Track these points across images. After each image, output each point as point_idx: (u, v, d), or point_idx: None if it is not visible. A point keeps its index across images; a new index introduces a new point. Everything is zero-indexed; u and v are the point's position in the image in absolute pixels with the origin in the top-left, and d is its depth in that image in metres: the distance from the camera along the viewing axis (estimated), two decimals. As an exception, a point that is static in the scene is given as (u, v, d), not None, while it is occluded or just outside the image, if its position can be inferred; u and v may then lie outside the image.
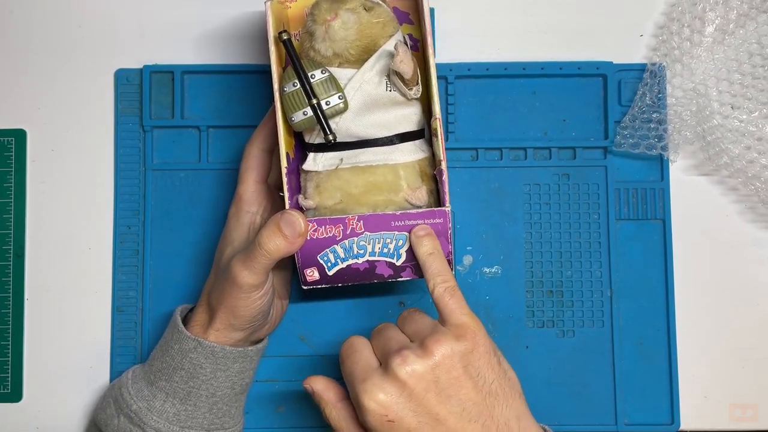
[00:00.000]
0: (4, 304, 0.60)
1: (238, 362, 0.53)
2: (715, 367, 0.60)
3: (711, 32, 0.59)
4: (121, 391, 0.53)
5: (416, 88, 0.49)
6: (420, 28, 0.53)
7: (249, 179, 0.54)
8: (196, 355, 0.51)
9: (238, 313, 0.50)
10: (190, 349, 0.51)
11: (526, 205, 0.60)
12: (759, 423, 0.59)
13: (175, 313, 0.54)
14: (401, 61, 0.47)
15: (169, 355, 0.52)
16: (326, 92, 0.48)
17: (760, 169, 0.58)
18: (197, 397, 0.52)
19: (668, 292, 0.59)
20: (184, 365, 0.51)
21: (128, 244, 0.60)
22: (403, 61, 0.47)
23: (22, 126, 0.61)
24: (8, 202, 0.60)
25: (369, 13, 0.48)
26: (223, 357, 0.52)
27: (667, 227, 0.60)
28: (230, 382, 0.53)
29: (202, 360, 0.51)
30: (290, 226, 0.48)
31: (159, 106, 0.61)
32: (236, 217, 0.54)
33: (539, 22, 0.62)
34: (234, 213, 0.55)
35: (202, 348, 0.51)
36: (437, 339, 0.45)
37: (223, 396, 0.53)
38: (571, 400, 0.58)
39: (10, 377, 0.59)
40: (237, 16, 0.62)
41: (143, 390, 0.52)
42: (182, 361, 0.51)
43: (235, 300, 0.50)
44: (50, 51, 0.62)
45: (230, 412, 0.54)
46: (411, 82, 0.48)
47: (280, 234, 0.48)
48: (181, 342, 0.52)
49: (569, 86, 0.61)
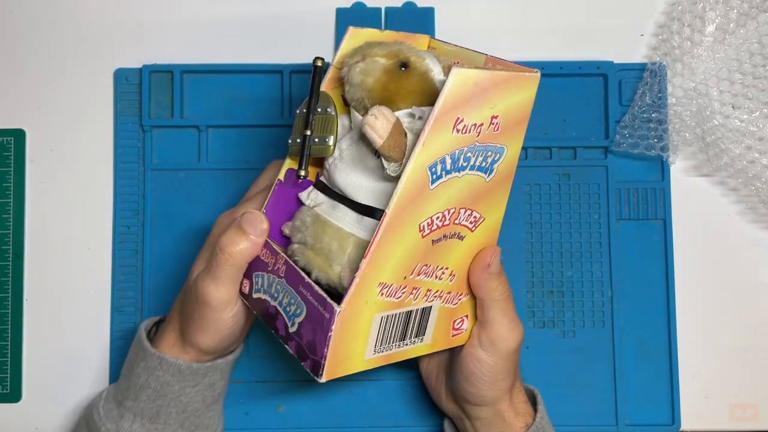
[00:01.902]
0: (3, 304, 0.60)
1: (208, 376, 0.50)
2: (715, 367, 0.60)
3: (711, 32, 0.59)
4: (92, 412, 0.50)
5: (394, 166, 0.42)
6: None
7: (254, 201, 0.50)
8: (162, 373, 0.48)
9: (209, 336, 0.47)
10: (155, 366, 0.49)
11: (526, 205, 0.60)
12: (759, 423, 0.59)
13: (140, 328, 0.51)
14: (368, 125, 0.41)
15: (134, 373, 0.49)
16: (321, 130, 0.46)
17: (760, 169, 0.58)
18: (167, 415, 0.49)
19: (668, 292, 0.59)
20: (151, 383, 0.49)
21: (128, 244, 0.60)
22: (371, 126, 0.41)
23: (22, 126, 0.61)
24: (7, 202, 0.60)
25: (401, 72, 0.44)
26: (191, 374, 0.49)
27: (668, 227, 0.60)
28: (201, 396, 0.50)
29: (169, 377, 0.48)
30: (251, 224, 0.45)
31: (158, 106, 0.60)
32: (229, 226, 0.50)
33: (539, 22, 0.62)
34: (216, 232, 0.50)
35: (167, 365, 0.48)
36: None
37: (195, 410, 0.50)
38: (571, 400, 0.58)
39: (9, 377, 0.59)
40: (237, 16, 0.62)
41: (113, 411, 0.50)
42: (148, 379, 0.49)
43: (205, 321, 0.47)
44: (50, 51, 0.62)
45: (204, 422, 0.51)
46: (387, 155, 0.42)
47: (242, 234, 0.45)
48: (146, 359, 0.49)
49: (569, 86, 0.61)
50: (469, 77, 0.41)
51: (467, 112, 0.41)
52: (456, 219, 0.44)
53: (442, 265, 0.45)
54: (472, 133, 0.42)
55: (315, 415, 0.58)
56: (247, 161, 0.60)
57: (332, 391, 0.59)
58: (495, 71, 0.42)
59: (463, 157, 0.43)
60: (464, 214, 0.45)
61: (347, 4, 0.61)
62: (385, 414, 0.59)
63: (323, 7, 0.62)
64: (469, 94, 0.41)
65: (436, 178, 0.42)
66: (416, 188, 0.41)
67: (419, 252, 0.43)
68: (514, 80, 0.43)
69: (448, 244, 0.45)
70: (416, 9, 0.61)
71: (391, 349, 0.46)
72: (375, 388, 0.59)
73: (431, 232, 0.43)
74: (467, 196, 0.44)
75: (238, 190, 0.59)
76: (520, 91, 0.44)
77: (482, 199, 0.45)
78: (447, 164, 0.42)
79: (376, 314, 0.44)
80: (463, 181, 0.43)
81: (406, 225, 0.42)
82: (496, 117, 0.43)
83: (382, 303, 0.44)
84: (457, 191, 0.43)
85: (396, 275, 0.43)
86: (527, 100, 0.44)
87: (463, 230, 0.45)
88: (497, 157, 0.44)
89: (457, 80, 0.40)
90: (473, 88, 0.41)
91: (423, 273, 0.45)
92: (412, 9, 0.61)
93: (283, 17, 0.62)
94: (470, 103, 0.41)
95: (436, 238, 0.44)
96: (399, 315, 0.45)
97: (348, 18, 0.61)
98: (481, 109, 0.42)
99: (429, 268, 0.45)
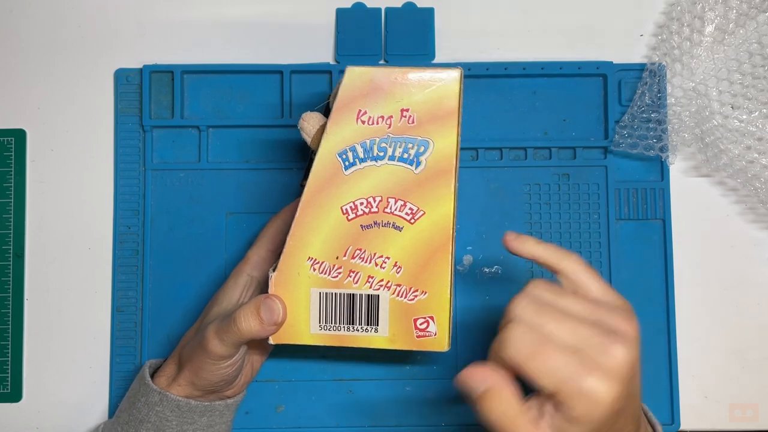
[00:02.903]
0: (3, 304, 0.60)
1: (206, 416, 0.52)
2: (715, 367, 0.60)
3: (711, 32, 0.59)
4: None
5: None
6: None
7: (262, 245, 0.54)
8: (161, 408, 0.50)
9: (201, 375, 0.50)
10: (156, 402, 0.51)
11: (526, 205, 0.60)
12: (759, 423, 0.59)
13: (144, 366, 0.53)
14: (299, 127, 0.48)
15: (135, 407, 0.51)
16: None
17: (760, 169, 0.58)
18: None
19: (668, 292, 0.59)
20: (150, 418, 0.51)
21: (128, 244, 0.60)
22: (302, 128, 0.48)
23: (22, 126, 0.61)
24: (8, 202, 0.60)
25: None
26: (188, 411, 0.51)
27: (667, 227, 0.60)
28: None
29: (168, 413, 0.50)
30: (269, 312, 0.47)
31: (159, 106, 0.61)
32: (235, 277, 0.54)
33: (539, 22, 0.62)
34: (235, 272, 0.54)
35: (167, 401, 0.50)
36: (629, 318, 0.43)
37: None
38: (571, 400, 0.58)
39: (9, 377, 0.59)
40: (237, 16, 0.62)
41: None
42: (148, 413, 0.51)
43: (201, 363, 0.49)
44: (50, 51, 0.62)
45: None
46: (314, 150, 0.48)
47: (256, 317, 0.47)
48: (147, 395, 0.51)
49: (569, 86, 0.61)
50: (363, 73, 0.46)
51: (368, 104, 0.46)
52: (386, 208, 0.47)
53: (380, 253, 0.48)
54: (381, 124, 0.46)
55: (315, 415, 0.59)
56: (247, 161, 0.60)
57: (332, 391, 0.59)
58: (392, 68, 0.46)
59: (377, 147, 0.47)
60: (395, 205, 0.47)
61: (347, 5, 0.61)
62: (385, 414, 0.59)
63: (323, 7, 0.62)
64: (366, 89, 0.46)
65: (350, 164, 0.47)
66: (329, 172, 0.47)
67: (348, 234, 0.47)
68: (420, 77, 0.46)
69: (382, 232, 0.48)
70: (416, 9, 0.61)
71: (339, 330, 0.49)
72: (375, 388, 0.59)
73: (357, 217, 0.47)
74: (394, 186, 0.47)
75: (238, 190, 0.60)
76: (438, 90, 0.46)
77: (414, 192, 0.47)
78: (359, 152, 0.47)
79: (313, 288, 0.48)
80: (384, 171, 0.47)
81: (326, 206, 0.47)
82: (407, 110, 0.46)
83: (315, 278, 0.48)
84: (379, 180, 0.47)
85: (325, 253, 0.48)
86: (447, 95, 0.46)
87: (399, 221, 0.47)
88: (422, 150, 0.47)
89: (351, 76, 0.46)
90: (369, 84, 0.46)
91: (358, 257, 0.48)
92: (412, 9, 0.61)
93: (283, 17, 0.62)
94: (369, 96, 0.46)
95: (366, 223, 0.47)
96: (340, 295, 0.48)
97: (348, 18, 0.61)
98: (386, 102, 0.46)
99: (364, 252, 0.48)
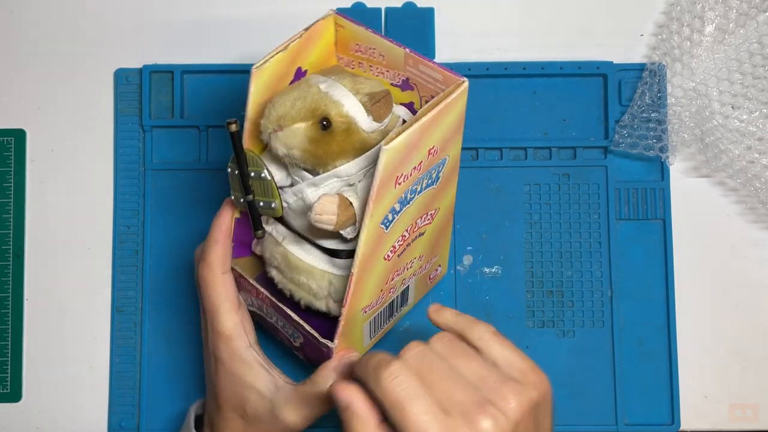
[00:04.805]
0: (3, 304, 0.60)
1: None
2: (715, 367, 0.60)
3: (711, 32, 0.59)
4: None
5: (349, 231, 0.43)
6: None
7: (226, 312, 0.47)
8: None
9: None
10: None
11: (526, 205, 0.60)
12: (759, 423, 0.59)
13: (190, 411, 0.52)
14: (316, 221, 0.42)
15: None
16: (262, 194, 0.45)
17: (760, 169, 0.58)
18: None
19: (668, 292, 0.59)
20: None
21: (128, 244, 0.60)
22: (320, 221, 0.42)
23: (22, 126, 0.61)
24: (8, 202, 0.60)
25: (324, 134, 0.42)
26: None
27: (668, 227, 0.60)
28: None
29: None
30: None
31: (159, 106, 0.61)
32: (237, 360, 0.47)
33: (539, 22, 0.62)
34: (229, 356, 0.47)
35: None
36: (518, 391, 0.40)
37: None
38: (571, 400, 0.58)
39: (9, 377, 0.59)
40: (237, 15, 0.62)
41: None
42: None
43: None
44: (50, 51, 0.62)
45: None
46: (342, 230, 0.43)
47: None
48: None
49: (569, 86, 0.61)
50: (400, 146, 0.38)
51: (404, 167, 0.40)
52: (415, 229, 0.46)
53: (410, 259, 0.48)
54: (413, 175, 0.41)
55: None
56: (247, 161, 0.60)
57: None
58: (423, 121, 0.39)
59: (409, 191, 0.42)
60: (422, 221, 0.46)
61: (347, 5, 0.61)
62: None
63: (323, 8, 0.61)
64: (402, 156, 0.39)
65: (389, 223, 0.42)
66: (374, 242, 0.42)
67: (389, 270, 0.46)
68: (443, 111, 0.40)
69: (413, 245, 0.47)
70: (416, 9, 0.61)
71: (382, 327, 0.52)
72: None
73: (394, 253, 0.45)
74: (422, 209, 0.45)
75: (238, 190, 0.60)
76: (451, 112, 0.41)
77: (435, 201, 0.46)
78: (396, 208, 0.42)
79: (365, 324, 0.48)
80: (415, 205, 0.43)
81: (373, 266, 0.43)
82: (433, 147, 0.41)
83: (367, 317, 0.48)
84: (411, 216, 0.44)
85: (373, 296, 0.46)
86: (459, 112, 0.42)
87: (423, 228, 0.47)
88: (441, 168, 0.44)
89: (389, 156, 0.38)
90: (405, 149, 0.39)
91: (396, 277, 0.48)
92: (412, 9, 0.61)
93: (283, 17, 0.62)
94: (405, 161, 0.39)
95: (401, 251, 0.46)
96: (384, 310, 0.50)
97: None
98: (418, 153, 0.40)
99: (400, 270, 0.47)
